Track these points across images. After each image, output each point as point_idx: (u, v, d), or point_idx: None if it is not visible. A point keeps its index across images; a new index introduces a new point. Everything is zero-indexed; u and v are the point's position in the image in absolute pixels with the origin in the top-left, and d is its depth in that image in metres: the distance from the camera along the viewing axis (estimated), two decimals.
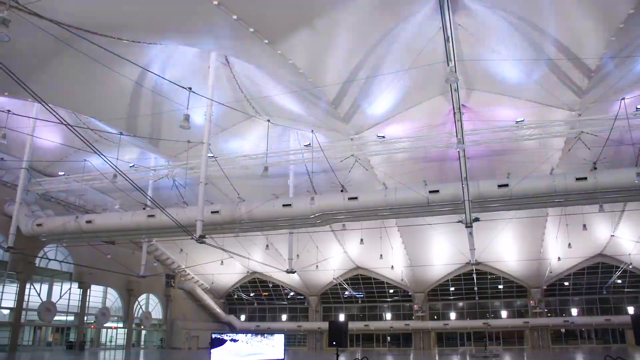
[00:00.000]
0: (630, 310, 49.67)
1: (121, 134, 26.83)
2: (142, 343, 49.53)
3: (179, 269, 52.25)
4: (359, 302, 56.09)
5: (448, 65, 15.32)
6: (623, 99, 24.10)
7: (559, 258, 44.54)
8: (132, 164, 30.96)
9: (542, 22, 20.03)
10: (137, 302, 47.72)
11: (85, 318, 41.37)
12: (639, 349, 30.80)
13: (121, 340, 45.82)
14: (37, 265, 36.68)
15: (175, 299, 52.45)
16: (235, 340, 29.94)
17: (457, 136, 19.65)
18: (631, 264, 45.32)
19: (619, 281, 49.13)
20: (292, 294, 57.73)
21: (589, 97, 24.03)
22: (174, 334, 51.56)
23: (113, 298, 45.20)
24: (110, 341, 45.46)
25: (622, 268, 46.15)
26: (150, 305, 50.32)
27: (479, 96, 26.25)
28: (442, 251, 46.39)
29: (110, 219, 28.54)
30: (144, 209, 27.88)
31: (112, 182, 27.80)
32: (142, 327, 48.84)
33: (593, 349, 48.07)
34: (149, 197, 26.47)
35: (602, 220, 39.05)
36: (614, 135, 23.84)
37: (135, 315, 47.41)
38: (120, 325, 46.04)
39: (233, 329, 54.97)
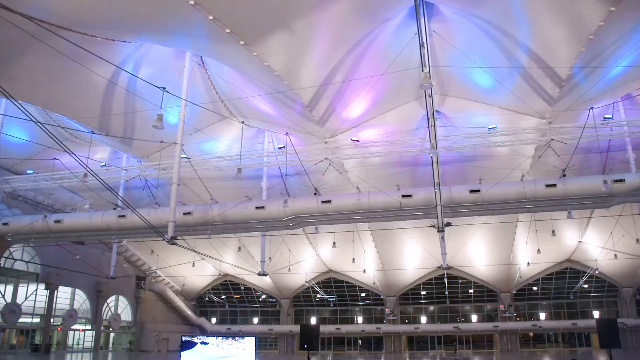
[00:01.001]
0: (596, 314, 50.75)
1: (93, 132, 26.43)
2: (110, 346, 48.73)
3: (150, 271, 51.60)
4: (331, 305, 56.12)
5: (423, 71, 15.43)
6: (592, 108, 24.66)
7: (528, 263, 45.18)
8: (103, 163, 30.55)
9: (515, 32, 20.38)
10: (106, 304, 46.92)
11: (52, 320, 40.51)
12: (604, 352, 31.42)
13: (89, 343, 44.98)
14: (2, 265, 35.79)
15: (146, 301, 51.75)
16: (205, 343, 29.73)
17: (430, 141, 19.81)
18: (597, 269, 46.25)
19: (586, 286, 50.07)
20: (263, 296, 57.46)
21: (559, 105, 24.51)
22: (144, 337, 50.84)
23: (81, 299, 44.36)
24: (78, 344, 44.60)
25: (588, 273, 47.06)
26: (120, 307, 49.56)
27: (453, 102, 26.56)
28: (414, 255, 46.69)
29: (79, 218, 28.04)
30: (114, 209, 27.46)
31: (82, 181, 27.28)
32: (111, 329, 48.06)
33: (560, 353, 48.95)
34: (120, 197, 26.16)
35: (571, 226, 39.82)
36: (583, 144, 24.36)
37: (104, 317, 46.64)
38: (89, 327, 45.23)
39: (204, 332, 54.46)
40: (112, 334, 49.14)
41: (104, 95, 24.37)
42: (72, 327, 43.10)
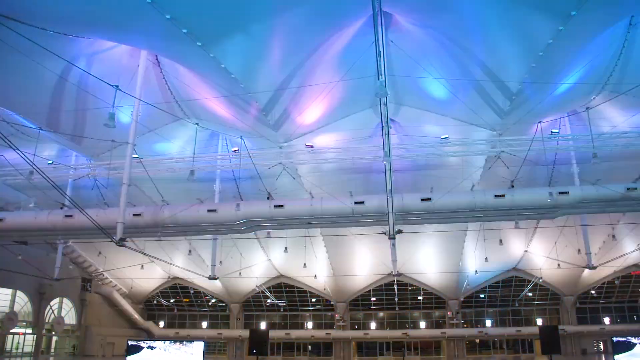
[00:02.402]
0: (539, 321, 52.28)
1: (40, 129, 25.57)
2: (52, 350, 47.10)
3: (97, 273, 50.19)
4: (281, 310, 55.91)
5: (378, 79, 15.57)
6: (540, 122, 25.51)
7: (476, 271, 46.11)
8: (50, 161, 29.63)
9: (469, 45, 20.84)
10: (49, 307, 45.36)
11: None
12: (545, 357, 32.37)
13: (29, 347, 43.38)
14: None
15: (91, 304, 50.29)
16: (152, 348, 29.19)
17: (384, 149, 20.00)
18: (541, 278, 47.63)
19: (530, 294, 51.48)
20: (213, 300, 56.76)
21: (509, 118, 25.16)
22: (88, 341, 49.36)
23: (22, 302, 42.73)
24: (17, 348, 42.88)
25: (533, 282, 48.44)
26: (64, 310, 47.96)
27: (407, 111, 26.89)
28: (365, 262, 47.02)
29: (23, 217, 27.01)
30: (61, 208, 26.61)
31: (27, 179, 26.42)
32: (54, 333, 46.48)
33: (504, 359, 50.18)
34: (67, 197, 25.33)
35: (517, 236, 40.89)
36: (531, 156, 25.09)
37: (47, 321, 45.08)
38: (29, 331, 43.61)
39: (151, 336, 53.31)
40: (54, 338, 47.53)
41: (53, 91, 23.57)
42: (12, 331, 41.45)
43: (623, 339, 30.88)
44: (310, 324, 55.81)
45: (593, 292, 50.82)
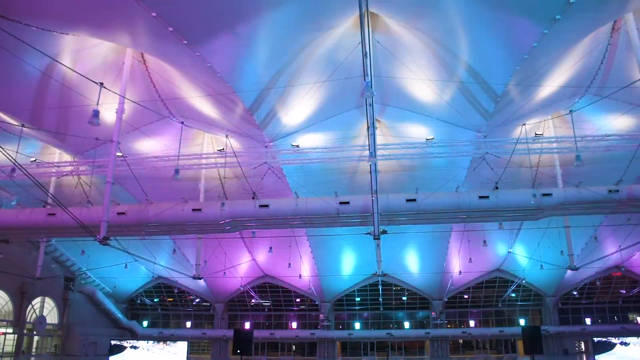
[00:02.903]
0: (522, 322, 52.69)
1: (23, 126, 25.29)
2: (33, 350, 46.55)
3: (80, 272, 49.68)
4: (266, 310, 55.80)
5: (365, 80, 15.61)
6: (524, 124, 25.74)
7: (460, 272, 46.37)
8: (33, 159, 29.32)
9: (455, 47, 20.97)
10: (30, 306, 44.81)
11: None
12: (528, 358, 32.65)
13: (10, 347, 42.84)
14: None
15: (74, 303, 49.70)
16: (135, 347, 28.98)
17: (369, 149, 20.05)
18: (524, 279, 47.99)
19: (513, 295, 51.82)
20: (197, 300, 56.47)
21: (494, 120, 25.36)
22: (70, 340, 48.80)
23: (3, 301, 42.18)
24: None
25: (516, 283, 48.75)
26: (46, 309, 47.38)
27: (393, 112, 26.99)
28: (349, 262, 47.08)
29: (5, 215, 26.69)
30: (44, 206, 26.36)
31: (9, 176, 26.12)
32: (35, 332, 45.94)
33: (487, 359, 50.50)
34: (50, 195, 25.14)
35: (501, 237, 41.19)
36: (515, 158, 25.32)
37: (28, 320, 44.54)
38: (10, 330, 43.08)
39: (134, 336, 52.85)
40: (35, 338, 46.98)
41: (37, 88, 23.31)
42: None
43: (604, 339, 31.24)
44: (294, 324, 55.74)
45: (575, 293, 51.31)
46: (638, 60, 19.66)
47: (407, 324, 54.72)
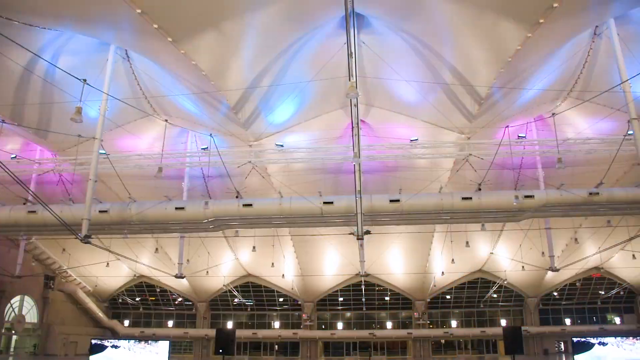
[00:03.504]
0: (503, 322, 53.16)
1: (3, 122, 24.95)
2: (12, 349, 45.94)
3: (60, 270, 49.15)
4: (248, 309, 55.65)
5: (350, 80, 15.63)
6: (507, 126, 25.96)
7: (442, 272, 46.61)
8: (14, 155, 28.93)
9: (440, 49, 21.09)
10: (9, 305, 44.23)
11: None
12: (509, 358, 32.94)
13: None
14: None
15: (54, 302, 49.16)
16: (116, 347, 28.71)
17: (353, 150, 20.09)
18: (506, 280, 48.40)
19: (495, 295, 52.23)
20: (180, 299, 56.16)
21: (478, 122, 25.53)
22: (50, 340, 48.25)
23: None
24: None
25: (498, 283, 49.16)
26: (25, 308, 46.81)
27: (377, 113, 27.06)
28: (333, 262, 47.11)
29: None
30: (24, 203, 26.03)
31: None
32: (14, 332, 45.34)
33: (469, 359, 50.86)
34: (30, 192, 24.81)
35: (483, 238, 41.48)
36: (498, 160, 25.50)
37: (7, 319, 43.95)
38: None
39: (116, 335, 52.46)
40: (14, 337, 46.38)
41: (18, 83, 23.01)
42: None
43: (583, 339, 31.61)
44: (277, 324, 55.68)
45: (555, 293, 51.94)
46: (618, 65, 19.94)
47: (389, 324, 54.92)
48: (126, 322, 56.64)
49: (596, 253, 35.60)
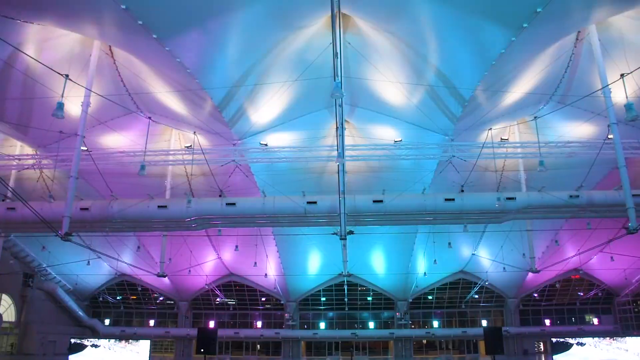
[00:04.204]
0: (484, 323, 53.58)
1: None
2: None
3: (40, 268, 48.55)
4: (231, 309, 55.46)
5: (335, 80, 15.65)
6: (490, 129, 26.18)
7: (425, 273, 46.82)
8: None
9: (425, 51, 21.18)
10: None
11: None
12: (489, 358, 33.25)
13: None
14: None
15: (33, 301, 48.49)
16: (96, 346, 28.46)
17: (337, 150, 20.11)
18: (487, 281, 48.79)
19: (476, 296, 52.60)
20: (161, 298, 55.79)
21: (461, 124, 25.71)
22: (28, 339, 47.52)
23: None
24: None
25: (479, 284, 49.52)
26: (3, 306, 46.12)
27: (362, 113, 27.11)
28: (315, 262, 47.13)
29: None
30: (3, 200, 25.71)
31: None
32: None
33: (450, 359, 51.18)
34: (9, 188, 24.52)
35: (465, 239, 41.76)
36: (481, 162, 25.72)
37: None
38: None
39: (96, 334, 51.89)
40: None
41: None
42: None
43: (561, 339, 32.05)
44: (259, 323, 55.55)
45: (535, 294, 52.48)
46: (600, 70, 20.22)
47: (371, 324, 55.07)
48: (107, 321, 56.12)
49: (576, 255, 36.02)
